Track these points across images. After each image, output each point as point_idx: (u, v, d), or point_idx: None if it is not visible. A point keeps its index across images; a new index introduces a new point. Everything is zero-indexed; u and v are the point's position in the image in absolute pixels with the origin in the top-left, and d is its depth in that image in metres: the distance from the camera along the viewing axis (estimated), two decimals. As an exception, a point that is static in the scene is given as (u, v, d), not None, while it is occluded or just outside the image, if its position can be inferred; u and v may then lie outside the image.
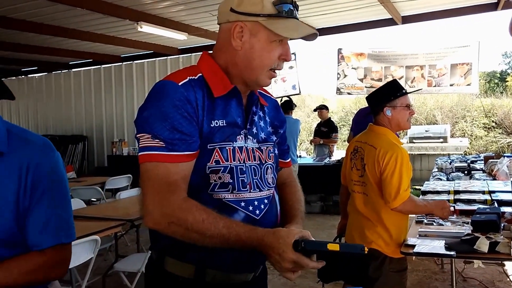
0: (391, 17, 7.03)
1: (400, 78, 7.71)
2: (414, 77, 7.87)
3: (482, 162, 4.81)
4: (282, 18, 1.17)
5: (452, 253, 2.11)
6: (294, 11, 1.20)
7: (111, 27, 7.26)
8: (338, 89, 8.37)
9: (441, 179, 4.15)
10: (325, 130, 7.55)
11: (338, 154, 7.97)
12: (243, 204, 1.20)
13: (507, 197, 2.99)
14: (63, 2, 5.46)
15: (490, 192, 3.18)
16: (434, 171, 4.79)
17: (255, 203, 1.22)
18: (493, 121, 12.26)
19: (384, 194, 2.25)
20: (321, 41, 7.75)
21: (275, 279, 3.82)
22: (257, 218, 1.22)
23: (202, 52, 1.30)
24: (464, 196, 3.12)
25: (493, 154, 5.19)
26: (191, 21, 7.05)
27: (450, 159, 5.43)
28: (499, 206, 2.78)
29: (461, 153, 8.00)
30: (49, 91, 11.72)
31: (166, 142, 1.12)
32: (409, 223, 2.52)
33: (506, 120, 12.15)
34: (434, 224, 2.62)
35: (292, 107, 6.54)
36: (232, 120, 1.22)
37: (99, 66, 10.61)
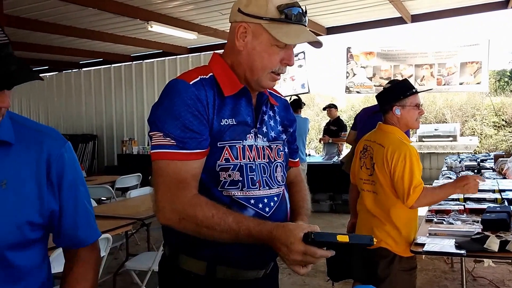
0: (401, 16, 7.00)
1: (410, 77, 7.67)
2: (424, 76, 7.83)
3: (492, 161, 4.78)
4: (285, 23, 1.18)
5: (462, 252, 2.10)
6: (303, 17, 1.20)
7: (122, 27, 7.31)
8: (347, 88, 8.36)
9: (451, 178, 4.13)
10: (334, 129, 7.55)
11: (347, 153, 7.95)
12: (253, 202, 1.22)
13: (518, 196, 2.98)
14: (75, 2, 5.52)
15: (500, 191, 3.18)
16: (444, 170, 4.77)
17: (265, 201, 1.23)
18: (503, 120, 12.14)
19: (398, 194, 2.25)
20: (330, 40, 7.73)
21: (285, 278, 3.84)
22: (267, 216, 1.23)
23: (213, 53, 1.33)
24: (474, 195, 3.08)
25: (503, 153, 5.15)
26: (201, 21, 7.07)
27: (460, 158, 5.40)
28: (509, 205, 2.78)
29: (471, 152, 7.94)
30: (60, 90, 11.82)
31: (177, 141, 1.14)
32: (419, 222, 2.52)
33: (516, 119, 12.04)
34: (444, 223, 2.61)
35: (301, 106, 6.54)
36: (242, 119, 1.24)
37: (110, 66, 10.68)
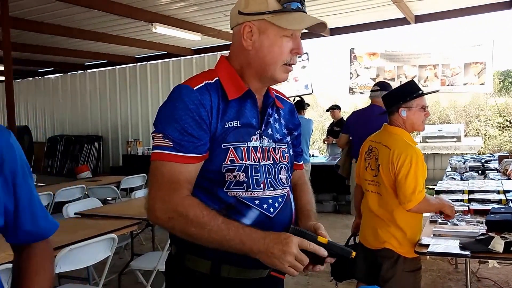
0: (404, 17, 7.00)
1: (413, 77, 7.66)
2: (427, 77, 7.81)
3: (497, 162, 4.77)
4: (288, 12, 1.21)
5: (467, 253, 2.10)
6: (302, 7, 1.24)
7: (126, 28, 7.37)
8: (351, 89, 8.36)
9: (455, 179, 4.13)
10: (338, 130, 7.53)
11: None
12: (257, 202, 1.23)
13: (522, 197, 2.97)
14: (80, 4, 5.56)
15: (505, 192, 3.17)
16: (448, 171, 4.76)
17: (269, 201, 1.25)
18: (508, 120, 12.08)
19: (399, 196, 2.25)
20: (334, 41, 7.73)
21: (288, 278, 3.85)
22: (271, 216, 1.24)
23: (220, 56, 1.35)
24: (479, 196, 3.11)
25: (508, 154, 5.13)
26: (205, 22, 7.10)
27: (464, 159, 5.38)
28: (514, 206, 2.77)
29: (475, 153, 7.91)
30: (65, 92, 11.89)
31: (175, 143, 1.17)
32: (423, 223, 2.51)
33: (521, 119, 11.98)
34: (448, 224, 2.60)
35: (305, 107, 6.55)
36: (247, 121, 1.25)
37: (114, 67, 10.74)
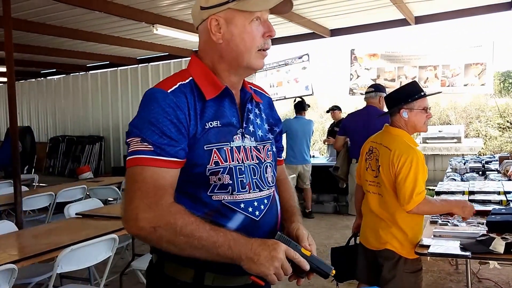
0: (404, 18, 7.02)
1: (413, 78, 7.68)
2: (428, 78, 7.82)
3: (497, 163, 4.77)
4: None
5: (468, 254, 2.11)
6: None
7: (128, 30, 7.38)
8: (351, 90, 8.37)
9: (455, 180, 4.13)
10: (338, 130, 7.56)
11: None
12: (242, 206, 1.18)
13: (523, 198, 2.98)
14: (82, 6, 5.58)
15: (506, 193, 3.17)
16: (448, 172, 4.76)
17: (255, 204, 1.20)
18: (508, 121, 12.08)
19: (399, 197, 2.25)
20: (334, 42, 7.74)
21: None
22: (257, 219, 1.20)
23: (191, 55, 1.30)
24: (479, 197, 3.11)
25: (508, 155, 5.13)
26: (205, 23, 7.12)
27: (464, 160, 5.38)
28: (515, 207, 2.78)
29: (475, 154, 7.92)
30: (67, 93, 11.91)
31: (155, 146, 1.10)
32: (424, 224, 2.52)
33: (521, 120, 11.98)
34: (449, 225, 2.61)
35: (305, 108, 6.56)
36: (227, 121, 1.20)
37: (116, 68, 10.77)
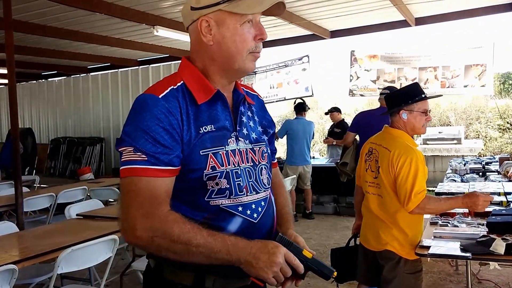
0: (404, 19, 7.02)
1: (413, 80, 7.69)
2: (428, 79, 7.83)
3: (497, 164, 4.78)
4: None
5: (468, 255, 2.12)
6: None
7: (129, 32, 7.39)
8: (351, 91, 8.38)
9: (456, 181, 4.14)
10: (339, 131, 7.56)
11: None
12: (241, 209, 1.18)
13: (523, 199, 2.99)
14: (83, 8, 5.59)
15: (506, 194, 3.18)
16: (448, 173, 4.77)
17: (253, 207, 1.20)
18: (508, 123, 12.08)
19: (399, 197, 2.26)
20: (334, 43, 7.74)
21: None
22: (255, 222, 1.20)
23: (182, 57, 1.27)
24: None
25: (508, 156, 5.14)
26: (206, 25, 7.13)
27: (465, 161, 5.39)
28: (515, 208, 2.78)
29: (475, 155, 7.93)
30: (68, 94, 11.94)
31: (149, 155, 1.09)
32: (424, 225, 2.53)
33: (521, 122, 11.98)
34: (449, 226, 2.62)
35: (305, 109, 6.58)
36: (221, 124, 1.19)
37: (117, 70, 10.79)
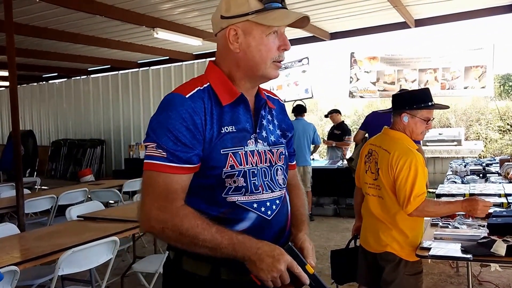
0: (404, 21, 7.03)
1: (413, 82, 7.69)
2: (427, 80, 7.83)
3: (498, 165, 4.78)
4: (270, 11, 1.22)
5: (469, 256, 2.11)
6: (283, 3, 1.25)
7: (129, 34, 7.41)
8: (351, 93, 8.38)
9: (456, 182, 4.14)
10: (339, 133, 7.58)
11: (352, 157, 7.96)
12: (255, 206, 1.24)
13: (523, 201, 2.97)
14: (83, 10, 5.61)
15: (506, 195, 3.18)
16: (449, 174, 4.77)
17: (267, 204, 1.27)
18: (508, 124, 12.08)
19: (399, 199, 2.25)
20: (334, 45, 7.75)
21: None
22: (269, 219, 1.26)
23: (209, 61, 1.36)
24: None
25: (509, 157, 5.14)
26: (206, 27, 7.14)
27: (465, 162, 5.38)
28: (515, 209, 2.77)
29: (476, 156, 7.92)
30: (69, 96, 11.97)
31: (169, 153, 1.17)
32: (424, 226, 2.53)
33: (522, 123, 11.98)
34: (450, 227, 2.62)
35: (305, 110, 6.62)
36: (242, 126, 1.26)
37: (117, 72, 10.80)
